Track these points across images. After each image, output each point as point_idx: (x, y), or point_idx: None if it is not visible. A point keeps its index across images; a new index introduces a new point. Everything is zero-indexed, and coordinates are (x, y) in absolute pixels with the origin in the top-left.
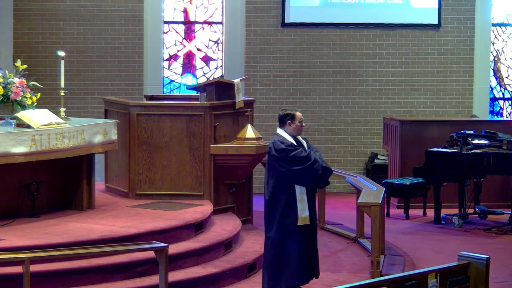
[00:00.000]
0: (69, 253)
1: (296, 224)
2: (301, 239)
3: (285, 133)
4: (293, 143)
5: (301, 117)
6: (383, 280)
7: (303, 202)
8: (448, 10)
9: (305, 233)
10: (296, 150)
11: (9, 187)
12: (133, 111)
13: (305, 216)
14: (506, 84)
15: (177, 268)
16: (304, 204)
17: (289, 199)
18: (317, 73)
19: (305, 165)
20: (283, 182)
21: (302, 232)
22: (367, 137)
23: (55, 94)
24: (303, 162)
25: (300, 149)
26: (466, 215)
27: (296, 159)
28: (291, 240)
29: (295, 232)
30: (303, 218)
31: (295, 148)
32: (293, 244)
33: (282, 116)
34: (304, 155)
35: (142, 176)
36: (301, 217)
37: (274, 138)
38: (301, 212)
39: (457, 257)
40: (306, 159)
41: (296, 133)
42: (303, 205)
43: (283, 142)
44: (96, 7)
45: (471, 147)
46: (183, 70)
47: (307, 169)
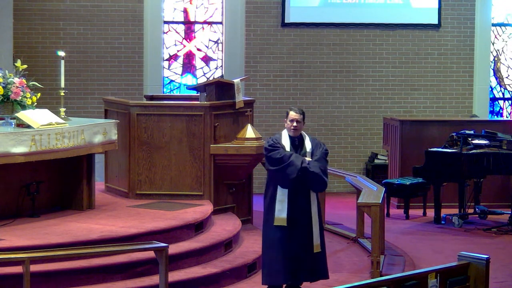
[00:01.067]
0: (69, 253)
1: (273, 224)
2: (281, 239)
3: (284, 132)
4: (276, 144)
5: (292, 117)
6: (383, 280)
7: (282, 203)
8: (448, 10)
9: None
10: (273, 150)
11: (9, 187)
12: (133, 111)
13: (282, 218)
14: (506, 84)
15: (177, 268)
16: (283, 205)
17: (271, 197)
18: (317, 73)
19: (278, 166)
20: (270, 179)
21: (282, 232)
22: (367, 137)
23: (55, 94)
24: (277, 163)
25: (278, 151)
26: (466, 215)
27: (271, 159)
28: (271, 237)
29: (274, 231)
30: (280, 219)
31: (274, 148)
32: (272, 242)
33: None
34: (278, 157)
35: (142, 176)
36: (278, 217)
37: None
38: (279, 213)
39: (457, 257)
40: (280, 161)
41: (289, 132)
42: (282, 206)
43: (269, 141)
44: (96, 7)
45: (471, 147)
46: (183, 70)
47: (280, 171)
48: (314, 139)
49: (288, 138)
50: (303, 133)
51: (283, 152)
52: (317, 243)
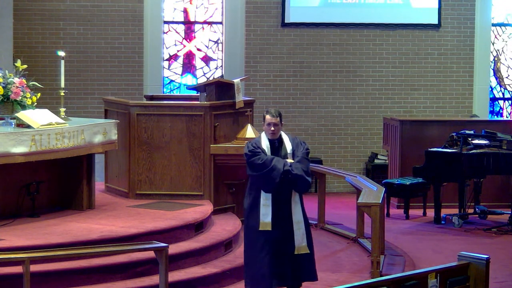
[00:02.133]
0: (69, 253)
1: (258, 228)
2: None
3: (263, 135)
4: (256, 149)
5: (268, 120)
6: (383, 280)
7: (266, 207)
8: (448, 10)
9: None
10: (254, 156)
11: (9, 187)
12: (133, 111)
13: (267, 222)
14: (506, 84)
15: (177, 268)
16: (267, 210)
17: (254, 202)
18: (317, 73)
19: (261, 172)
20: (251, 184)
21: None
22: (367, 137)
23: (55, 94)
24: (259, 169)
25: (259, 156)
26: (466, 215)
27: (253, 165)
28: (254, 241)
29: (258, 235)
30: (265, 224)
31: (255, 153)
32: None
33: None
34: (260, 163)
35: (142, 176)
36: (263, 222)
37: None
38: (263, 217)
39: (457, 257)
40: (262, 167)
41: (268, 136)
42: (266, 210)
43: (248, 146)
44: (96, 7)
45: (471, 147)
46: (183, 70)
47: (263, 177)
48: (295, 138)
49: (267, 140)
50: (283, 134)
51: (264, 156)
52: (302, 245)
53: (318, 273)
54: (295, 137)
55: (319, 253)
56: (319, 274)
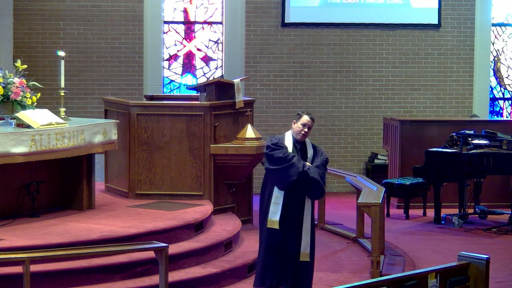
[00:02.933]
0: (69, 253)
1: (265, 226)
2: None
3: (288, 135)
4: (279, 143)
5: (305, 121)
6: (383, 280)
7: (277, 205)
8: (448, 10)
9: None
10: (276, 149)
11: (9, 187)
12: (133, 111)
13: (275, 220)
14: (506, 84)
15: (177, 268)
16: (277, 208)
17: (268, 198)
18: (317, 73)
19: (279, 166)
20: (267, 180)
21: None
22: (367, 137)
23: (55, 94)
24: (278, 162)
25: (280, 150)
26: (466, 215)
27: (272, 158)
28: (262, 238)
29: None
30: (272, 222)
31: (277, 147)
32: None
33: (296, 114)
34: (281, 156)
35: (142, 176)
36: (271, 219)
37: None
38: (272, 215)
39: (457, 257)
40: (282, 161)
41: (296, 135)
42: (276, 208)
43: (272, 139)
44: (96, 7)
45: (471, 147)
46: (183, 70)
47: (280, 171)
48: (316, 146)
49: (291, 140)
50: (306, 140)
51: (286, 152)
52: (306, 252)
53: (318, 273)
54: (316, 145)
55: (319, 253)
56: (319, 274)
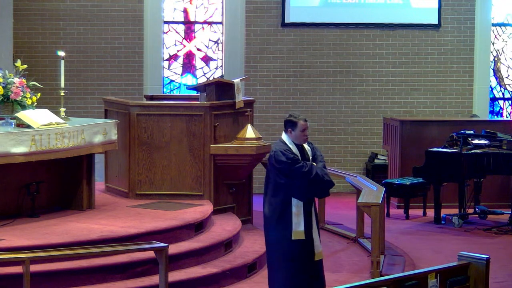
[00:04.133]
0: (69, 253)
1: (291, 238)
2: (300, 252)
3: (288, 140)
4: (294, 156)
5: (304, 126)
6: (383, 280)
7: (299, 216)
8: (448, 10)
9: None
10: (296, 164)
11: (9, 187)
12: (133, 111)
13: (300, 231)
14: (506, 84)
15: (177, 268)
16: (300, 218)
17: (284, 211)
18: (317, 73)
19: (306, 180)
20: (279, 192)
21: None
22: (367, 137)
23: (55, 94)
24: (303, 177)
25: (301, 163)
26: (466, 215)
27: (297, 174)
28: (290, 252)
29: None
30: (298, 233)
31: (295, 161)
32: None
33: (285, 122)
34: (305, 171)
35: (142, 176)
36: (296, 231)
37: (276, 146)
38: (296, 226)
39: (457, 257)
40: (308, 174)
41: (300, 142)
42: (298, 219)
43: (284, 153)
44: (96, 7)
45: (471, 147)
46: (183, 70)
47: (307, 185)
48: (309, 143)
49: (294, 146)
50: None
51: (305, 164)
52: (320, 250)
53: None
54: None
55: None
56: None
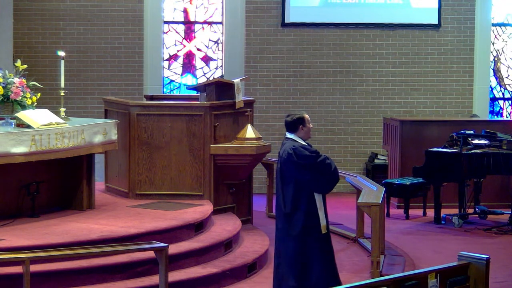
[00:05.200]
0: (69, 253)
1: (321, 233)
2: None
3: (299, 139)
4: (316, 150)
5: (309, 118)
6: (383, 280)
7: (322, 210)
8: (448, 10)
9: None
10: (320, 156)
11: (9, 187)
12: (133, 111)
13: (325, 225)
14: (506, 84)
15: (177, 268)
16: (322, 213)
17: (310, 208)
18: (317, 73)
19: (330, 171)
20: (302, 190)
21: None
22: (367, 137)
23: (55, 94)
24: (329, 168)
25: (323, 155)
26: (466, 215)
27: (323, 166)
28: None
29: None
30: (324, 226)
31: (319, 154)
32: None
33: (293, 121)
34: (329, 162)
35: (142, 176)
36: (323, 225)
37: (291, 145)
38: (322, 221)
39: (457, 257)
40: (331, 166)
41: (307, 137)
42: (322, 213)
43: (306, 148)
44: (96, 7)
45: (471, 147)
46: (183, 70)
47: (331, 176)
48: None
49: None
50: None
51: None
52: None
53: None
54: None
55: None
56: None
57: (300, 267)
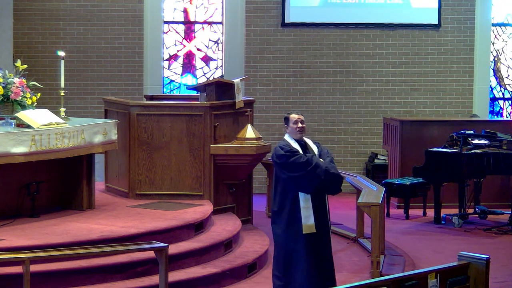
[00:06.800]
0: (69, 253)
1: (302, 233)
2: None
3: (289, 138)
4: (293, 149)
5: (296, 118)
6: (383, 280)
7: (307, 209)
8: (448, 10)
9: (313, 241)
10: (294, 155)
11: (9, 187)
12: (133, 111)
13: (311, 224)
14: (506, 84)
15: (177, 268)
16: (309, 212)
17: (294, 207)
18: (317, 73)
19: (305, 170)
20: (287, 189)
21: (310, 240)
22: (367, 137)
23: (55, 94)
24: (303, 168)
25: (299, 155)
26: (466, 215)
27: (296, 164)
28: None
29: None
30: (309, 226)
31: (294, 153)
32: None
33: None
34: (303, 161)
35: (142, 176)
36: (306, 225)
37: (278, 144)
38: (306, 220)
39: (457, 257)
40: (306, 165)
41: (295, 136)
42: (308, 212)
43: (282, 147)
44: (96, 7)
45: (471, 147)
46: (183, 70)
47: (307, 175)
48: (316, 142)
49: (295, 142)
50: (307, 140)
51: (304, 155)
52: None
53: None
54: (317, 142)
55: None
56: None
57: (283, 266)
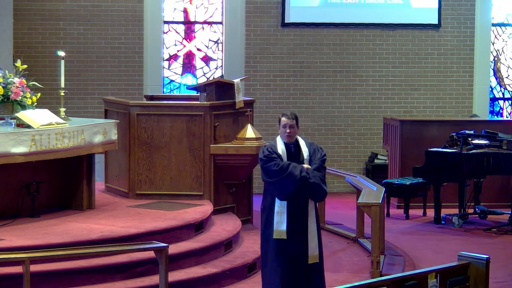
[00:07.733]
0: (69, 253)
1: (273, 238)
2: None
3: (279, 139)
4: (272, 154)
5: (284, 122)
6: (383, 280)
7: (281, 215)
8: (448, 10)
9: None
10: (270, 161)
11: (9, 187)
12: (133, 111)
13: (282, 230)
14: (506, 84)
15: (177, 268)
16: (283, 217)
17: (270, 211)
18: (317, 73)
19: (278, 177)
20: (267, 191)
21: (279, 246)
22: (367, 137)
23: (55, 94)
24: (274, 175)
25: (274, 161)
26: (466, 215)
27: (267, 171)
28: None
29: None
30: (279, 232)
31: (270, 159)
32: (269, 257)
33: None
34: (276, 169)
35: (142, 176)
36: (277, 230)
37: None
38: (278, 225)
39: (457, 257)
40: (278, 173)
41: (284, 140)
42: (281, 218)
43: (264, 151)
44: (96, 7)
45: (471, 147)
46: (183, 70)
47: (280, 182)
48: (312, 144)
49: (283, 145)
50: (298, 138)
51: (280, 162)
52: (314, 254)
53: None
54: (312, 142)
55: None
56: None
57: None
